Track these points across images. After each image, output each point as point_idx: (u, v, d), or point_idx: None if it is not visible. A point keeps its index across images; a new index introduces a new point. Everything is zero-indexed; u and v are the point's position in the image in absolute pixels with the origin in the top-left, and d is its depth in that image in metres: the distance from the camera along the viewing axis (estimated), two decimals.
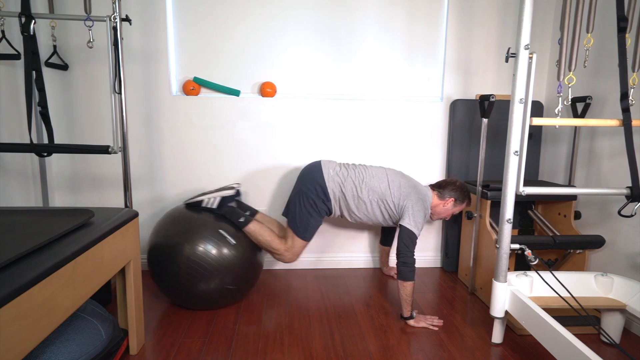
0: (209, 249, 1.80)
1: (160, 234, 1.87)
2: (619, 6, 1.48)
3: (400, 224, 1.87)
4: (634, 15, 1.78)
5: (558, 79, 1.57)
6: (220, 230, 1.85)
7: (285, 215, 2.05)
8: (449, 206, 2.03)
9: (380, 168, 2.03)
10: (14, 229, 1.17)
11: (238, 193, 2.09)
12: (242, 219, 1.94)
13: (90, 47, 1.87)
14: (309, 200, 1.95)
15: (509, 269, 2.16)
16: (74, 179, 2.32)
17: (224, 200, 1.98)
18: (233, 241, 1.86)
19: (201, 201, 1.96)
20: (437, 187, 2.05)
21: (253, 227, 1.94)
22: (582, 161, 2.16)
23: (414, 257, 1.81)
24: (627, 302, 1.64)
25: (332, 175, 1.96)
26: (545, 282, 1.64)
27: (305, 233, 1.97)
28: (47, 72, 2.19)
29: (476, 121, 2.40)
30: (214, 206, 1.96)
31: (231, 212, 1.96)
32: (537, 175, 2.48)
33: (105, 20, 1.78)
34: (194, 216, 1.90)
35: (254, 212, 2.15)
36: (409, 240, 1.82)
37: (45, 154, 1.82)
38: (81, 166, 2.31)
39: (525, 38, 1.47)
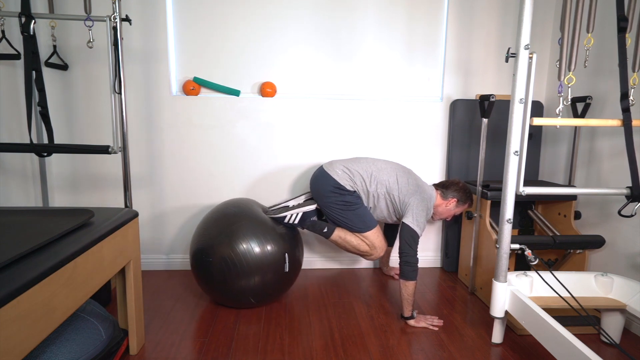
0: (253, 246, 1.81)
1: (207, 235, 1.88)
2: (619, 6, 1.48)
3: (402, 222, 1.87)
4: (634, 15, 1.78)
5: (558, 78, 1.57)
6: (285, 254, 1.88)
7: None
8: (451, 206, 2.03)
9: (390, 162, 2.04)
10: (14, 229, 1.17)
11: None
12: (326, 230, 1.98)
13: (90, 47, 1.87)
14: (338, 205, 1.94)
15: (509, 269, 2.16)
16: (74, 179, 2.32)
17: (305, 215, 2.01)
18: (287, 269, 1.89)
19: (284, 217, 1.98)
20: (440, 186, 2.05)
21: (338, 234, 1.98)
22: (582, 161, 2.16)
23: (417, 256, 1.81)
24: (627, 302, 1.64)
25: (340, 175, 1.96)
26: (545, 282, 1.64)
27: (366, 224, 1.96)
28: (47, 72, 2.19)
29: (476, 121, 2.40)
30: (296, 222, 1.99)
31: (313, 225, 2.01)
32: (537, 175, 2.48)
33: (105, 20, 1.78)
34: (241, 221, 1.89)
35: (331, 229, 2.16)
36: (411, 240, 1.82)
37: (45, 154, 1.82)
38: (81, 166, 2.31)
39: (525, 38, 1.47)
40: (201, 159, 2.36)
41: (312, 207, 2.02)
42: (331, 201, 1.95)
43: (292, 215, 1.98)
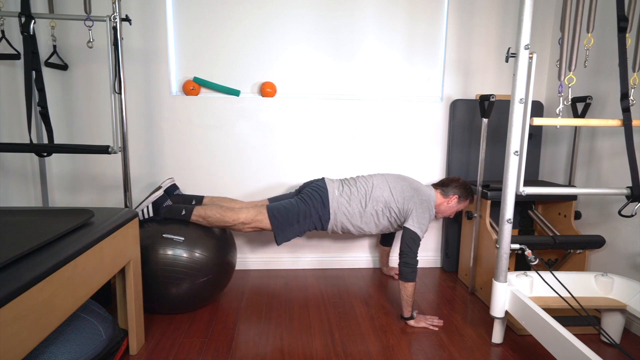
0: (168, 253, 1.77)
1: None
2: (619, 6, 1.48)
3: (404, 226, 1.87)
4: (634, 15, 1.78)
5: (558, 78, 1.57)
6: (164, 235, 1.80)
7: (270, 200, 2.03)
8: (452, 203, 2.03)
9: (380, 176, 2.03)
10: (14, 229, 1.17)
11: (174, 187, 2.05)
12: (183, 212, 1.87)
13: (90, 47, 1.87)
14: (309, 210, 1.90)
15: (509, 269, 2.16)
16: (74, 179, 2.32)
17: (157, 204, 1.90)
18: (181, 238, 1.80)
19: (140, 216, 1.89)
20: (440, 185, 2.05)
21: (197, 214, 1.86)
22: (582, 161, 2.16)
23: (417, 258, 1.81)
24: (627, 302, 1.64)
25: (337, 197, 1.93)
26: (545, 282, 1.64)
27: (283, 232, 1.89)
28: (47, 72, 2.19)
29: (476, 121, 2.40)
30: (152, 214, 1.89)
31: (170, 211, 1.89)
32: (537, 175, 2.48)
33: (105, 20, 1.78)
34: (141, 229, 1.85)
35: (199, 199, 2.09)
36: (412, 242, 1.81)
37: (45, 154, 1.82)
38: (81, 166, 2.31)
39: (525, 38, 1.47)
40: (201, 159, 2.35)
41: (159, 193, 1.92)
42: (308, 201, 1.91)
43: (142, 210, 1.89)
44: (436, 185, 2.06)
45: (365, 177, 2.03)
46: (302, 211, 1.90)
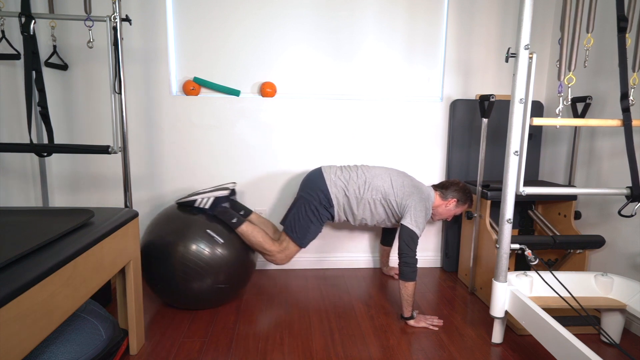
0: (201, 248, 1.79)
1: (154, 233, 1.87)
2: (619, 6, 1.48)
3: (401, 223, 1.87)
4: (634, 15, 1.78)
5: (558, 78, 1.57)
6: (208, 230, 1.84)
7: (282, 223, 2.05)
8: (451, 207, 2.03)
9: (383, 167, 2.04)
10: (14, 229, 1.17)
11: (233, 192, 2.08)
12: (234, 220, 1.92)
13: (90, 47, 1.87)
14: (311, 206, 1.95)
15: (509, 269, 2.16)
16: (74, 179, 2.32)
17: (218, 200, 1.96)
18: (221, 240, 1.84)
19: (194, 201, 1.94)
20: (440, 187, 2.05)
21: (245, 229, 1.92)
22: (582, 161, 2.16)
23: (416, 257, 1.81)
24: (627, 302, 1.64)
25: (334, 180, 1.96)
26: (545, 282, 1.64)
27: (303, 239, 1.96)
28: (47, 72, 2.19)
29: (476, 121, 2.40)
30: (207, 206, 1.94)
31: (224, 212, 1.93)
32: (537, 175, 2.48)
33: (105, 20, 1.78)
34: (186, 216, 1.89)
35: (247, 212, 2.14)
36: (410, 240, 1.81)
37: (45, 154, 1.82)
38: (81, 166, 2.31)
39: (525, 38, 1.47)
40: (201, 159, 2.36)
41: (225, 192, 1.98)
42: (310, 199, 1.95)
43: (203, 199, 1.93)
44: (436, 187, 2.06)
45: (369, 167, 2.04)
46: (310, 210, 1.94)
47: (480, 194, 2.13)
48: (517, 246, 1.70)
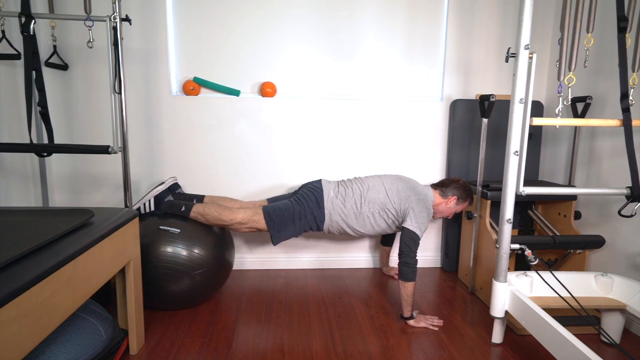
0: (166, 247, 1.79)
1: None
2: (619, 6, 1.48)
3: (403, 226, 1.87)
4: (634, 15, 1.78)
5: (558, 78, 1.57)
6: (161, 227, 1.83)
7: (268, 200, 2.05)
8: (451, 204, 2.03)
9: (376, 177, 2.03)
10: (14, 229, 1.17)
11: (176, 186, 2.09)
12: (183, 209, 1.91)
13: (90, 47, 1.87)
14: (302, 208, 1.93)
15: (509, 269, 2.16)
16: (74, 179, 2.32)
17: (159, 198, 1.96)
18: (177, 230, 1.83)
19: (139, 209, 1.94)
20: (439, 185, 2.05)
21: (197, 210, 1.89)
22: (582, 161, 2.16)
23: (416, 258, 1.81)
24: (627, 302, 1.64)
25: (331, 197, 1.95)
26: (545, 282, 1.64)
27: (279, 233, 1.91)
28: (47, 72, 2.19)
29: (476, 121, 2.40)
30: (152, 208, 1.95)
31: (170, 206, 1.93)
32: (537, 175, 2.48)
33: (105, 20, 1.78)
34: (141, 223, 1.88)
35: (200, 198, 2.13)
36: (411, 241, 1.81)
37: (45, 154, 1.82)
38: (81, 166, 2.31)
39: (525, 38, 1.47)
40: (201, 159, 2.35)
41: (161, 187, 1.99)
42: (303, 203, 1.93)
43: (144, 204, 1.94)
44: (435, 186, 2.06)
45: (362, 179, 2.03)
46: (298, 212, 1.92)
47: (480, 194, 2.13)
48: (517, 246, 1.70)
